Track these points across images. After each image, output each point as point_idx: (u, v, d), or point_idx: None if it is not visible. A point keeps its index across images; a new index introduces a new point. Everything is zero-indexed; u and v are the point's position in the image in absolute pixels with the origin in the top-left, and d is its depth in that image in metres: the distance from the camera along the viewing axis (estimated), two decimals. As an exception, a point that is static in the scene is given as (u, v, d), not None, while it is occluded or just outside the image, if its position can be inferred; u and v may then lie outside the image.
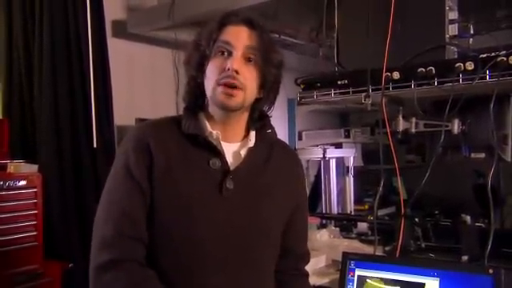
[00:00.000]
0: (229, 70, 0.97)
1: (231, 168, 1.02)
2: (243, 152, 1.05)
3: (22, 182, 1.93)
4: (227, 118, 1.04)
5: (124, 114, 2.65)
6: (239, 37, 1.00)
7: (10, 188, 1.89)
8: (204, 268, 0.98)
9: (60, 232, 2.24)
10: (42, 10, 2.28)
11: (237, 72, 0.98)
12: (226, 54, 1.00)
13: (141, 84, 2.87)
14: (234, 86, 0.98)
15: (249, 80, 1.00)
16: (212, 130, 1.02)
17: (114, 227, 0.96)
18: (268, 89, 1.05)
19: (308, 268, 1.52)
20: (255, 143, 1.07)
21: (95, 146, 2.41)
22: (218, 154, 1.02)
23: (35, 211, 1.96)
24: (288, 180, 1.12)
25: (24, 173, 1.97)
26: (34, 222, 1.96)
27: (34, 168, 2.05)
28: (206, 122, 1.04)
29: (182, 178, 0.99)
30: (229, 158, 1.04)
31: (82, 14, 2.38)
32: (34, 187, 1.96)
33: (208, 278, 0.97)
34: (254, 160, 1.06)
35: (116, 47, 2.66)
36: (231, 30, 1.01)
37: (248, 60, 1.00)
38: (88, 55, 2.39)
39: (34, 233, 1.96)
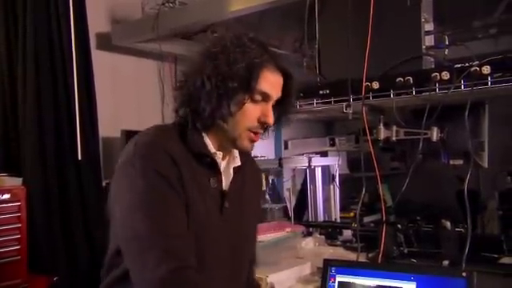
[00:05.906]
0: (265, 123, 1.01)
1: (225, 187, 1.05)
2: (231, 170, 1.08)
3: (6, 196, 1.90)
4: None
5: (110, 126, 2.65)
6: (277, 88, 1.02)
7: (-7, 202, 1.87)
8: None
9: (44, 245, 2.22)
10: (25, 22, 2.28)
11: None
12: (261, 101, 1.01)
13: (126, 96, 2.87)
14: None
15: None
16: (216, 151, 1.04)
17: (163, 247, 0.89)
18: (279, 126, 1.10)
19: (293, 275, 1.54)
20: (241, 160, 1.10)
21: (80, 158, 2.40)
22: (217, 173, 1.04)
23: (19, 225, 1.94)
24: (256, 190, 1.20)
25: (8, 186, 1.95)
26: (18, 236, 1.93)
27: (18, 181, 2.04)
28: (209, 141, 1.04)
29: (196, 194, 0.99)
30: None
31: (65, 27, 2.38)
32: (18, 201, 1.94)
33: None
34: (238, 177, 1.09)
35: (100, 59, 2.66)
36: (270, 79, 1.00)
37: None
38: (72, 67, 2.39)
39: (18, 247, 1.93)
